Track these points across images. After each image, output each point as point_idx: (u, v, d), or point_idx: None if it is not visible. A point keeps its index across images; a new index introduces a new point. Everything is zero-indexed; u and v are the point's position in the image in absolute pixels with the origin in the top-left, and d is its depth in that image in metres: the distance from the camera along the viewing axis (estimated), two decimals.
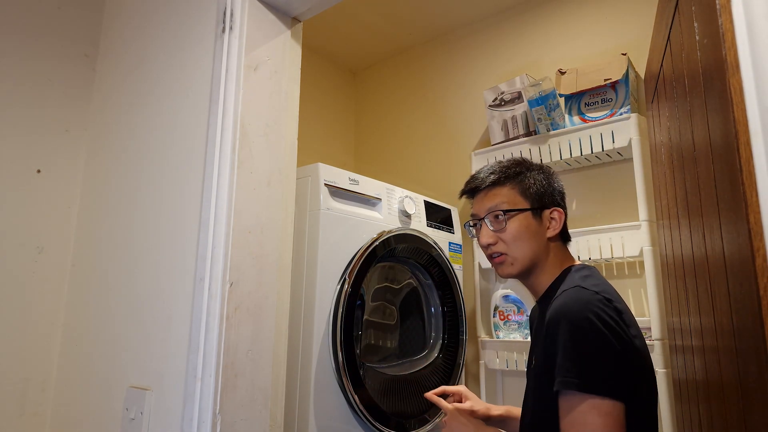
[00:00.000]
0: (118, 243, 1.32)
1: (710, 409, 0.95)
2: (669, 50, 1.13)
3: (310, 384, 1.37)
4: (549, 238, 1.05)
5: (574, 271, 1.01)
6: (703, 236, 0.90)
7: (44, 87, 1.45)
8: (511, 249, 1.04)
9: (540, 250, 1.04)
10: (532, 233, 1.04)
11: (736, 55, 0.65)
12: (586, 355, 0.85)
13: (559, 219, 1.07)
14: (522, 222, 1.04)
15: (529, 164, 1.11)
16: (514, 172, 1.08)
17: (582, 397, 0.83)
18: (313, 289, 1.42)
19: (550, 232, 1.06)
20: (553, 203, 1.08)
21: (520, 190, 1.06)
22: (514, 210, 1.04)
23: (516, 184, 1.07)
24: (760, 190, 0.61)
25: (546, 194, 1.07)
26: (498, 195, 1.06)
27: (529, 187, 1.06)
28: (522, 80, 1.98)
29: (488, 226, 1.05)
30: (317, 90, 2.65)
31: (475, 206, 1.11)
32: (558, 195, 1.10)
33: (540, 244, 1.04)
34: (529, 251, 1.03)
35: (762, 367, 0.60)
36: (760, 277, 0.59)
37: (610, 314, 0.87)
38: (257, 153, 1.13)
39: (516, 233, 1.03)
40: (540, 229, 1.05)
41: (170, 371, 1.08)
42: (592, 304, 0.88)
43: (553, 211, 1.07)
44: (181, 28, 1.30)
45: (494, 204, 1.06)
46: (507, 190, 1.06)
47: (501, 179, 1.07)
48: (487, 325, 1.99)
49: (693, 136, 0.92)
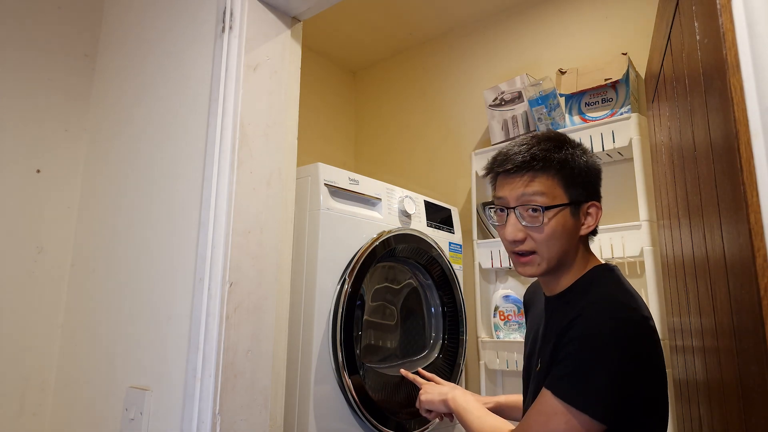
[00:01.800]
0: (117, 243, 1.32)
1: (710, 409, 0.95)
2: (669, 50, 1.13)
3: (310, 384, 1.37)
4: (580, 236, 0.93)
5: (601, 275, 0.92)
6: (703, 236, 0.90)
7: (44, 87, 1.45)
8: (543, 249, 0.90)
9: (570, 249, 0.92)
10: (568, 232, 0.90)
11: (736, 54, 0.65)
12: (589, 371, 0.80)
13: (595, 215, 0.94)
14: (560, 220, 0.89)
15: (572, 143, 0.94)
16: (562, 157, 0.90)
17: (561, 402, 0.80)
18: (313, 289, 1.42)
19: (585, 229, 0.93)
20: (594, 195, 0.94)
21: (563, 181, 0.90)
22: (554, 206, 0.88)
23: (557, 172, 0.90)
24: (760, 190, 0.60)
25: (588, 184, 0.93)
26: (536, 183, 0.89)
27: (574, 176, 0.90)
28: (522, 80, 1.98)
29: (519, 220, 0.90)
30: (317, 90, 2.65)
31: (505, 189, 0.93)
32: (597, 183, 0.96)
33: (572, 243, 0.92)
34: (560, 252, 0.91)
35: (762, 367, 0.60)
36: (761, 277, 0.59)
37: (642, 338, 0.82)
38: (257, 153, 1.13)
39: (552, 232, 0.89)
40: (575, 227, 0.91)
41: (170, 371, 1.08)
42: (628, 325, 0.81)
43: (591, 205, 0.93)
44: (181, 27, 1.30)
45: (531, 193, 0.89)
46: (548, 178, 0.89)
47: (543, 165, 0.89)
48: (487, 326, 1.99)
49: (693, 135, 0.92)
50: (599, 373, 0.79)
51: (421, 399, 1.22)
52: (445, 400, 1.16)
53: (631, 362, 0.80)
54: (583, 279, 0.93)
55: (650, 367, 0.83)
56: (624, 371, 0.79)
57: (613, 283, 0.89)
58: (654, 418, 0.87)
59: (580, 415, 0.78)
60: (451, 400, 1.14)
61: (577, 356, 0.81)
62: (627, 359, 0.80)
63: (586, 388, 0.79)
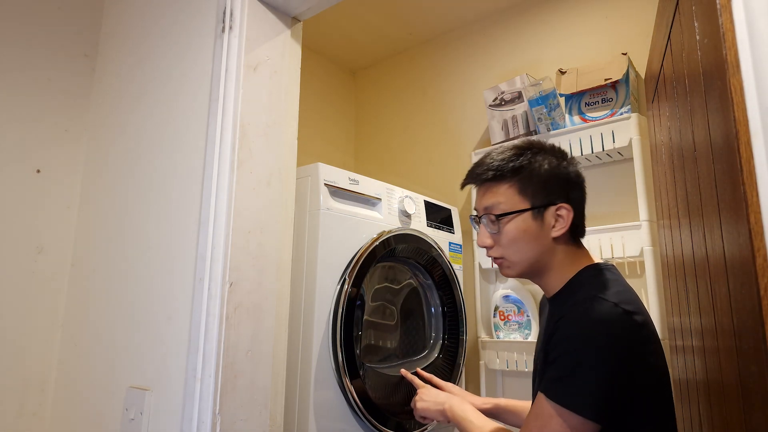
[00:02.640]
0: (117, 243, 1.32)
1: (710, 409, 0.95)
2: (669, 50, 1.13)
3: (310, 384, 1.37)
4: (555, 238, 0.95)
5: (592, 274, 0.94)
6: (703, 236, 0.90)
7: (44, 87, 1.45)
8: (507, 253, 0.96)
9: (543, 252, 0.95)
10: (531, 236, 0.94)
11: (736, 54, 0.65)
12: (579, 370, 0.82)
13: (566, 216, 0.95)
14: (519, 225, 0.94)
15: (539, 149, 0.98)
16: (514, 167, 0.95)
17: (554, 404, 0.82)
18: (313, 289, 1.42)
19: (555, 231, 0.95)
20: (561, 197, 0.96)
21: (520, 188, 0.95)
22: (509, 213, 0.95)
23: (516, 181, 0.95)
24: (760, 190, 0.61)
25: (552, 188, 0.95)
26: (495, 194, 0.97)
27: (532, 182, 0.95)
28: (522, 80, 1.98)
29: (485, 227, 0.98)
30: (317, 90, 2.65)
31: (477, 200, 1.02)
32: (570, 186, 0.98)
33: (543, 246, 0.95)
34: (528, 255, 0.95)
35: (762, 367, 0.60)
36: (761, 277, 0.59)
37: (626, 334, 0.82)
38: (257, 153, 1.13)
39: (512, 237, 0.94)
40: (542, 231, 0.95)
41: (170, 371, 1.08)
42: (608, 323, 0.82)
43: (559, 207, 0.95)
44: (181, 27, 1.30)
45: (490, 204, 0.97)
46: (505, 188, 0.96)
47: (498, 175, 0.96)
48: (487, 326, 1.99)
49: (693, 135, 0.92)
50: (586, 373, 0.81)
51: (417, 407, 1.22)
52: (443, 410, 1.15)
53: (615, 359, 0.81)
54: (573, 280, 0.95)
55: (639, 362, 0.83)
56: (609, 369, 0.81)
57: (600, 282, 0.90)
58: (657, 416, 0.87)
59: (573, 416, 0.80)
60: (449, 410, 1.13)
61: (564, 358, 0.83)
62: (610, 357, 0.81)
63: (575, 390, 0.81)
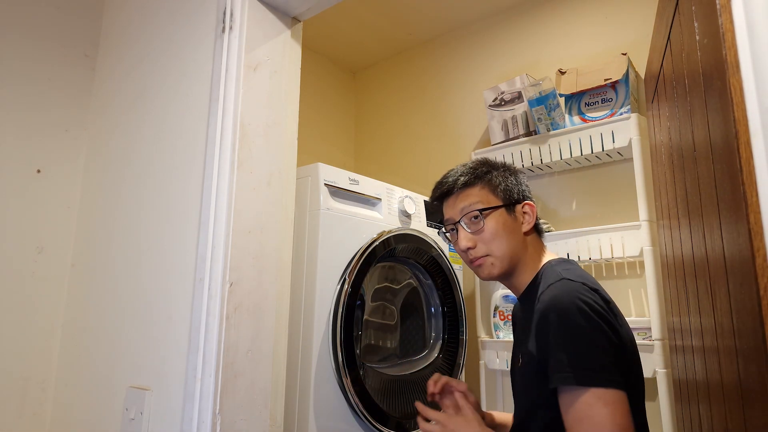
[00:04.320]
0: (117, 243, 1.32)
1: (710, 409, 0.95)
2: (669, 50, 1.13)
3: (310, 384, 1.37)
4: (525, 233, 1.05)
5: (554, 265, 1.01)
6: (703, 236, 0.90)
7: (44, 87, 1.45)
8: (492, 248, 1.02)
9: (519, 246, 1.04)
10: (509, 230, 1.03)
11: (736, 55, 0.65)
12: (581, 346, 0.83)
13: (531, 212, 1.07)
14: (498, 220, 1.03)
15: (493, 163, 1.12)
16: (482, 171, 1.08)
17: (583, 389, 0.81)
18: (313, 289, 1.42)
19: (525, 226, 1.06)
20: (523, 197, 1.08)
21: (491, 189, 1.06)
22: (489, 208, 1.04)
23: (486, 183, 1.06)
24: (760, 190, 0.61)
25: (515, 190, 1.07)
26: (470, 195, 1.06)
27: (499, 184, 1.06)
28: (522, 80, 1.98)
29: (465, 229, 1.04)
30: (317, 90, 2.65)
31: (448, 211, 1.10)
32: (526, 189, 1.10)
33: (518, 240, 1.04)
34: (508, 249, 1.03)
35: (762, 367, 0.60)
36: (761, 277, 0.59)
37: (599, 302, 0.87)
38: (257, 153, 1.13)
39: (494, 231, 1.02)
40: (516, 225, 1.05)
41: (170, 371, 1.08)
42: (580, 293, 0.87)
43: (524, 204, 1.07)
44: (181, 27, 1.30)
45: (468, 204, 1.05)
46: (478, 190, 1.06)
47: (471, 180, 1.07)
48: (487, 325, 1.99)
49: (693, 136, 0.92)
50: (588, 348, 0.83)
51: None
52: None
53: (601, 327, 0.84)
54: (540, 273, 1.02)
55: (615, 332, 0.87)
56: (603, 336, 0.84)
57: (563, 269, 0.96)
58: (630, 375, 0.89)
59: (608, 392, 0.81)
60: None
61: (560, 342, 0.85)
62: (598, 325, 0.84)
63: (590, 366, 0.82)
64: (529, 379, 0.94)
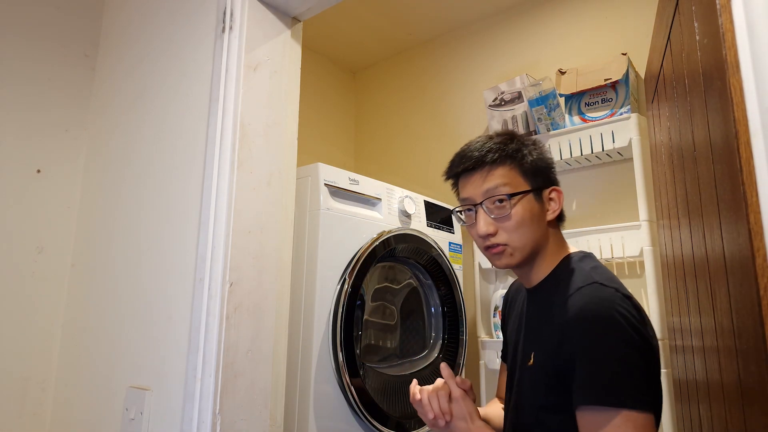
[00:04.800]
0: (117, 243, 1.32)
1: (710, 409, 0.95)
2: (669, 50, 1.13)
3: (310, 384, 1.37)
4: (548, 222, 0.94)
5: (577, 260, 0.92)
6: (703, 236, 0.90)
7: (44, 87, 1.45)
8: (514, 238, 0.91)
9: (541, 236, 0.93)
10: (535, 218, 0.91)
11: (736, 55, 0.65)
12: (615, 364, 0.75)
13: (557, 199, 0.95)
14: (525, 206, 0.91)
15: (523, 138, 0.97)
16: (512, 149, 0.93)
17: (613, 411, 0.74)
18: (313, 289, 1.42)
19: (550, 214, 0.94)
20: (551, 181, 0.96)
21: (521, 170, 0.92)
22: (518, 193, 0.91)
23: (515, 163, 0.93)
24: (760, 190, 0.61)
25: (544, 171, 0.95)
26: (497, 176, 0.92)
27: (529, 164, 0.93)
28: (522, 80, 1.98)
29: (487, 213, 0.91)
30: (317, 90, 2.65)
31: (468, 189, 0.95)
32: (551, 169, 0.98)
33: (541, 229, 0.93)
34: (531, 239, 0.91)
35: (762, 367, 0.60)
36: (761, 277, 0.59)
37: (633, 314, 0.79)
38: (257, 153, 1.13)
39: (520, 219, 0.90)
40: (541, 213, 0.93)
41: (170, 371, 1.08)
42: (616, 304, 0.79)
43: (552, 190, 0.95)
44: (181, 27, 1.30)
45: (494, 186, 0.91)
46: (507, 169, 0.92)
47: (500, 158, 0.92)
48: (487, 325, 1.99)
49: (693, 136, 0.92)
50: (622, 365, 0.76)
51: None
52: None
53: (636, 343, 0.77)
54: (560, 267, 0.93)
55: (648, 344, 0.80)
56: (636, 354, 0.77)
57: (591, 269, 0.88)
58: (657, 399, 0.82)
59: (639, 415, 0.74)
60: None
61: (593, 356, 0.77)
62: (632, 341, 0.77)
63: (621, 386, 0.75)
64: (539, 382, 0.87)
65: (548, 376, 0.84)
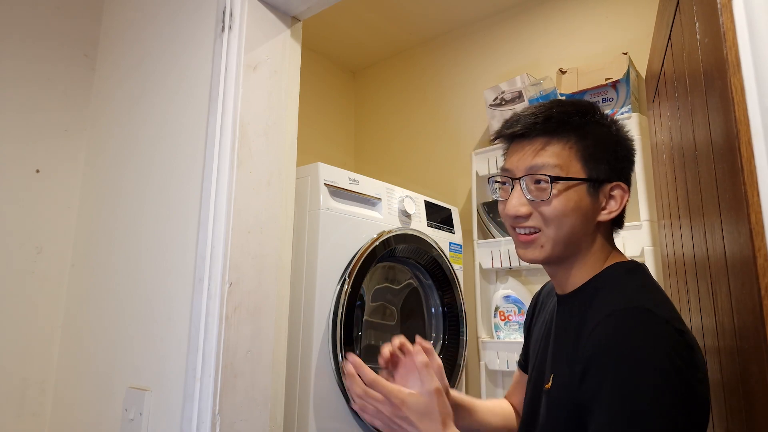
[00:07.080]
0: (117, 243, 1.32)
1: (710, 409, 0.94)
2: (670, 49, 1.13)
3: (310, 384, 1.36)
4: (598, 223, 0.78)
5: (624, 272, 0.77)
6: (704, 236, 0.90)
7: (43, 87, 1.44)
8: (549, 227, 0.76)
9: (585, 236, 0.77)
10: (582, 213, 0.76)
11: (737, 54, 0.65)
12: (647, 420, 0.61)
13: (620, 198, 0.78)
14: (572, 196, 0.75)
15: (599, 113, 0.80)
16: (577, 122, 0.77)
17: None
18: (312, 289, 1.42)
19: (605, 214, 0.78)
20: (618, 175, 0.78)
21: (580, 151, 0.76)
22: (566, 178, 0.75)
23: (576, 141, 0.76)
24: (761, 190, 0.60)
25: (612, 161, 0.78)
26: (549, 151, 0.76)
27: (594, 148, 0.77)
28: (522, 79, 1.98)
29: (524, 193, 0.77)
30: (317, 90, 2.65)
31: (513, 159, 0.80)
32: (627, 161, 0.80)
33: (587, 228, 0.77)
34: (569, 234, 0.76)
35: (763, 367, 0.60)
36: (762, 277, 0.59)
37: (686, 358, 0.64)
38: (257, 153, 1.13)
39: (562, 209, 0.75)
40: (593, 209, 0.77)
41: (169, 372, 1.08)
42: (666, 345, 0.64)
43: (614, 186, 0.78)
44: (181, 27, 1.30)
45: (540, 164, 0.76)
46: (562, 147, 0.76)
47: (557, 129, 0.77)
48: (487, 326, 1.98)
49: (694, 135, 0.92)
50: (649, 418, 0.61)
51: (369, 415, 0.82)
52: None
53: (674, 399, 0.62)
54: (602, 277, 0.78)
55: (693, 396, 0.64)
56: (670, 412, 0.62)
57: (638, 288, 0.74)
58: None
59: None
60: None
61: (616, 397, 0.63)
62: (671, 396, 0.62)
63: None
64: (556, 411, 0.74)
65: (566, 410, 0.71)
